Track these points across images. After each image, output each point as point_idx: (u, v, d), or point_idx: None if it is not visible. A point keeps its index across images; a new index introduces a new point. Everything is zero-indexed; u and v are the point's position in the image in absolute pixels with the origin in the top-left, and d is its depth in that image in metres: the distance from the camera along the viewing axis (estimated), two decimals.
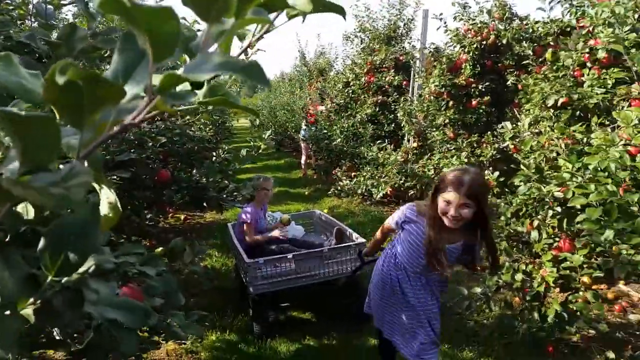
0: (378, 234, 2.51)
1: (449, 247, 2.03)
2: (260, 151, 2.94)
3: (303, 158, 9.68)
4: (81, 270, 0.52)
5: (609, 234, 2.26)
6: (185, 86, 0.61)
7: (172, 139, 3.15)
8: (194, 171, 2.97)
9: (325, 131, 8.19)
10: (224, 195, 2.76)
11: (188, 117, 3.23)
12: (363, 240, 3.32)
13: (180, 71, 0.48)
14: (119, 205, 0.56)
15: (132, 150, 2.68)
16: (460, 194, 1.86)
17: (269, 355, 2.98)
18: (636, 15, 3.26)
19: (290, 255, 3.08)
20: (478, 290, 2.97)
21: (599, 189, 2.48)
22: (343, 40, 9.88)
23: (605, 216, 2.43)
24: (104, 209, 0.55)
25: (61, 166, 0.46)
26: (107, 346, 1.14)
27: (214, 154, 3.43)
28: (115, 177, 2.47)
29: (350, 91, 8.61)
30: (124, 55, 0.56)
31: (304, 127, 9.21)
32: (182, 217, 6.14)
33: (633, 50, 3.23)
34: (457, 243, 2.05)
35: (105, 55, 1.85)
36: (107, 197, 0.55)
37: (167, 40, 0.46)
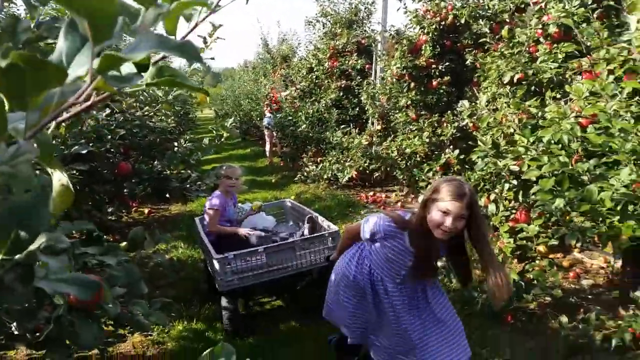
0: (346, 241, 2.32)
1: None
2: (223, 139, 2.90)
3: (267, 146, 9.69)
4: (32, 247, 0.53)
5: (559, 202, 2.38)
6: (131, 69, 0.63)
7: (131, 130, 3.10)
8: (155, 162, 2.94)
9: (290, 118, 8.19)
10: (188, 185, 2.75)
11: (147, 107, 3.18)
12: (336, 228, 3.21)
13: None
14: (71, 186, 0.58)
15: (90, 144, 2.64)
16: (463, 204, 1.77)
17: (238, 344, 3.01)
18: None
19: (261, 249, 2.96)
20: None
21: (552, 161, 2.60)
22: (305, 26, 9.87)
23: (557, 186, 2.55)
24: (56, 191, 0.56)
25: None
26: (67, 338, 1.15)
27: (176, 144, 3.39)
28: (74, 171, 2.43)
29: (314, 77, 8.62)
30: (68, 40, 0.58)
31: (267, 115, 9.19)
32: (146, 210, 6.07)
33: (584, 25, 3.35)
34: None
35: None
36: (59, 180, 0.57)
37: (105, 24, 0.48)
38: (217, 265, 2.85)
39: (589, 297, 3.30)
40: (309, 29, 9.69)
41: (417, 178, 5.12)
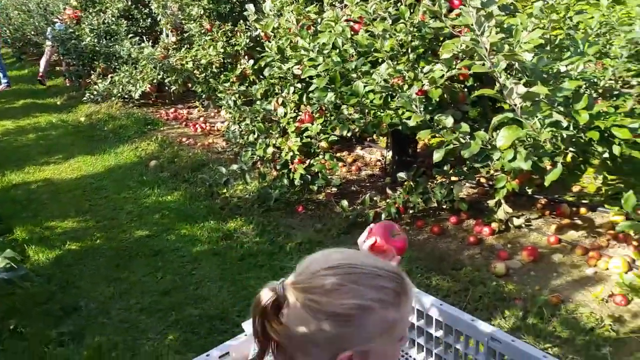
0: None
1: None
2: None
3: (44, 59, 8.46)
4: None
5: (330, 95, 2.62)
6: None
7: None
8: None
9: (71, 30, 7.22)
10: None
11: None
12: None
13: None
14: None
15: None
16: None
17: None
18: None
19: None
20: (235, 167, 3.18)
21: (326, 61, 2.80)
22: None
23: (331, 84, 2.79)
24: None
25: None
26: None
27: None
28: None
29: None
30: None
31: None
32: None
33: None
34: None
35: None
36: None
37: None
38: None
39: (367, 185, 3.79)
40: None
41: (215, 89, 5.06)
